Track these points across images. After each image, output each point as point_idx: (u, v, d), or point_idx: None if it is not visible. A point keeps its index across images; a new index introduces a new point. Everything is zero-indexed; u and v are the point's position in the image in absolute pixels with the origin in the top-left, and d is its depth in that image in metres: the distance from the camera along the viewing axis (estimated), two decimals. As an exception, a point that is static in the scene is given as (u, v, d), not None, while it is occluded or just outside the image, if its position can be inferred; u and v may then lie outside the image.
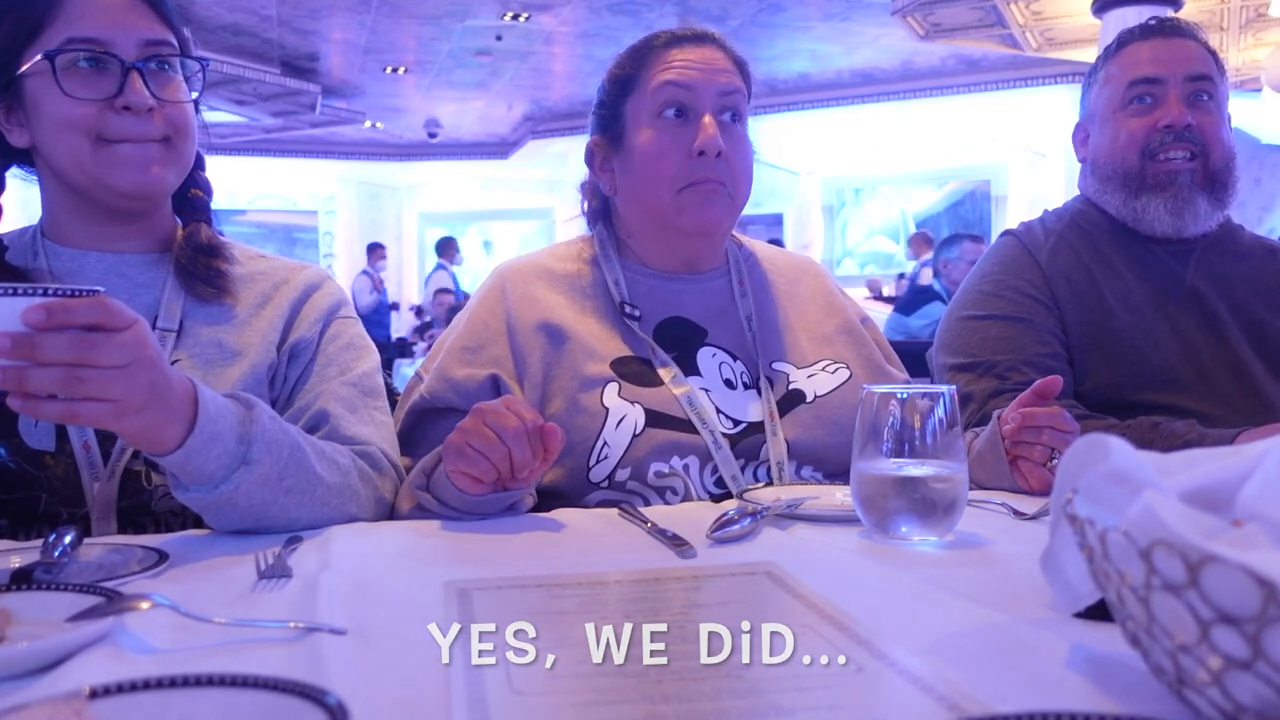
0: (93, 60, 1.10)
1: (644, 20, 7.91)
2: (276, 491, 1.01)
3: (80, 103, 1.09)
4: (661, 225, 1.35)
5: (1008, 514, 1.09)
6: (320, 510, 1.06)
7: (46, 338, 0.79)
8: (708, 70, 1.32)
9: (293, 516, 1.04)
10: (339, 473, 1.09)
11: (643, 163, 1.32)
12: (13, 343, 0.79)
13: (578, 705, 0.56)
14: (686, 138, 1.30)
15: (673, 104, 1.31)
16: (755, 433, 1.29)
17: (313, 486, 1.04)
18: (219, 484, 0.96)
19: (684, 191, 1.30)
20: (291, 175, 12.67)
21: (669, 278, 1.40)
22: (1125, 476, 0.56)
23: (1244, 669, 0.44)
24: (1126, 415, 1.48)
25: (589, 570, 0.86)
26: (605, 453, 1.24)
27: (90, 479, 1.09)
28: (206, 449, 0.94)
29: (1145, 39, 1.65)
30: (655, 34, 1.38)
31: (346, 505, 1.09)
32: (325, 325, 1.25)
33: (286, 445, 1.02)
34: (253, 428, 0.98)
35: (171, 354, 1.16)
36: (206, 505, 0.98)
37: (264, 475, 0.99)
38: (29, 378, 0.80)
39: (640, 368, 1.30)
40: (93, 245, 1.19)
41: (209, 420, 0.93)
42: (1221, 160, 1.61)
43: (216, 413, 0.95)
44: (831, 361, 1.38)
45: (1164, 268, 1.64)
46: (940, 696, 0.55)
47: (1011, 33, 7.61)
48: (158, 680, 0.52)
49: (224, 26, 8.04)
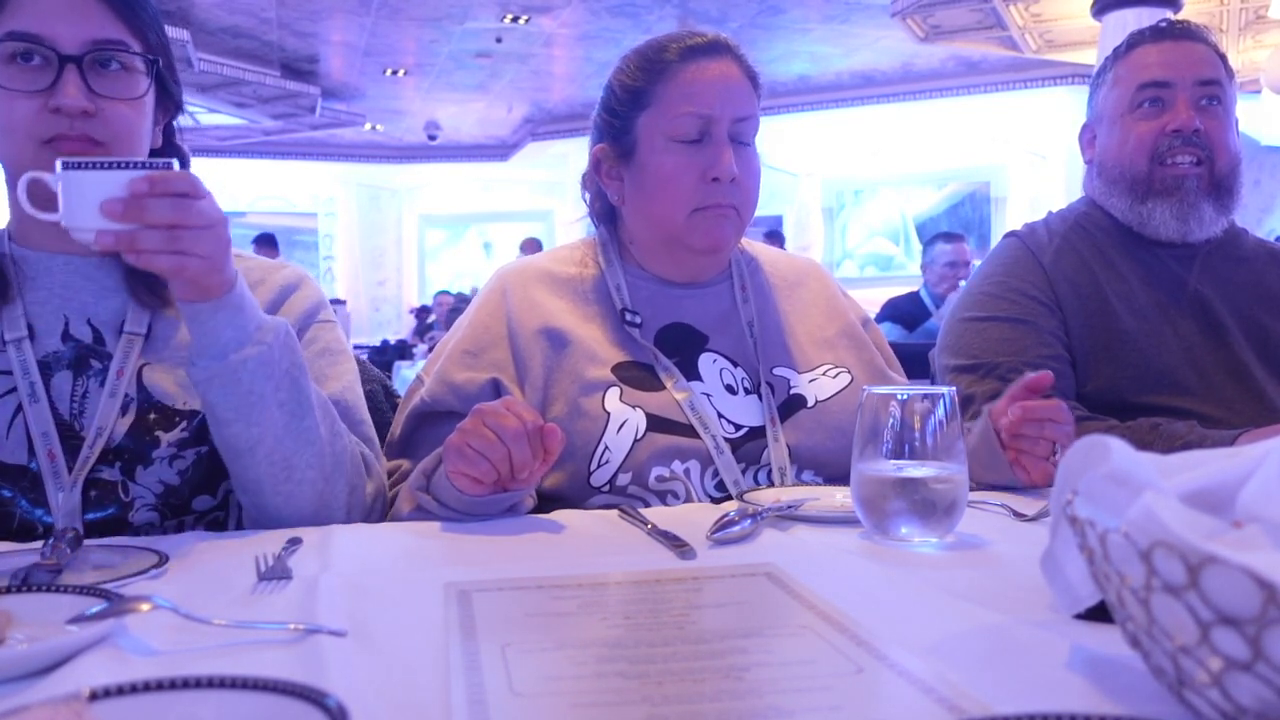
0: (28, 56, 1.06)
1: (644, 23, 7.91)
2: (271, 402, 1.04)
3: (16, 103, 1.06)
4: (669, 241, 1.35)
5: (1008, 515, 1.09)
6: (305, 453, 1.08)
7: (152, 202, 0.93)
8: (725, 92, 1.30)
9: (281, 443, 1.06)
10: (330, 419, 1.11)
11: (657, 183, 1.31)
12: (124, 207, 0.93)
13: (578, 706, 0.56)
14: (702, 161, 1.29)
15: (692, 129, 1.29)
16: (756, 437, 1.29)
17: (304, 412, 1.08)
18: (228, 354, 1.02)
19: (696, 214, 1.30)
20: (291, 177, 12.67)
21: (670, 284, 1.39)
22: (1125, 478, 0.56)
23: (1244, 670, 0.44)
24: (1128, 417, 1.48)
25: (589, 571, 0.86)
26: (606, 457, 1.24)
27: (55, 489, 1.09)
28: (236, 310, 1.03)
29: (1155, 41, 1.65)
30: (665, 42, 1.35)
31: (332, 470, 1.10)
32: (302, 329, 1.24)
33: (290, 358, 1.07)
34: (268, 323, 1.07)
35: (141, 357, 1.15)
36: (212, 380, 1.03)
37: (267, 361, 1.04)
38: (140, 239, 0.94)
39: (641, 372, 1.30)
40: (58, 248, 1.16)
41: (242, 290, 1.05)
42: (1227, 166, 1.61)
43: (245, 290, 1.06)
44: (833, 366, 1.38)
45: (1168, 271, 1.64)
46: (940, 697, 0.55)
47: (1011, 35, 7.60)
48: (158, 682, 0.52)
49: (224, 29, 8.03)
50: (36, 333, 1.14)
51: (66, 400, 1.12)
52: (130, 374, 1.13)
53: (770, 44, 8.56)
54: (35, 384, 1.10)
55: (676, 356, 1.33)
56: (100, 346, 1.15)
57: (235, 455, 1.08)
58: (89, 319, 1.16)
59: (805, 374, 1.36)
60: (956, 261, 4.85)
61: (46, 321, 1.15)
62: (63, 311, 1.16)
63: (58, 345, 1.14)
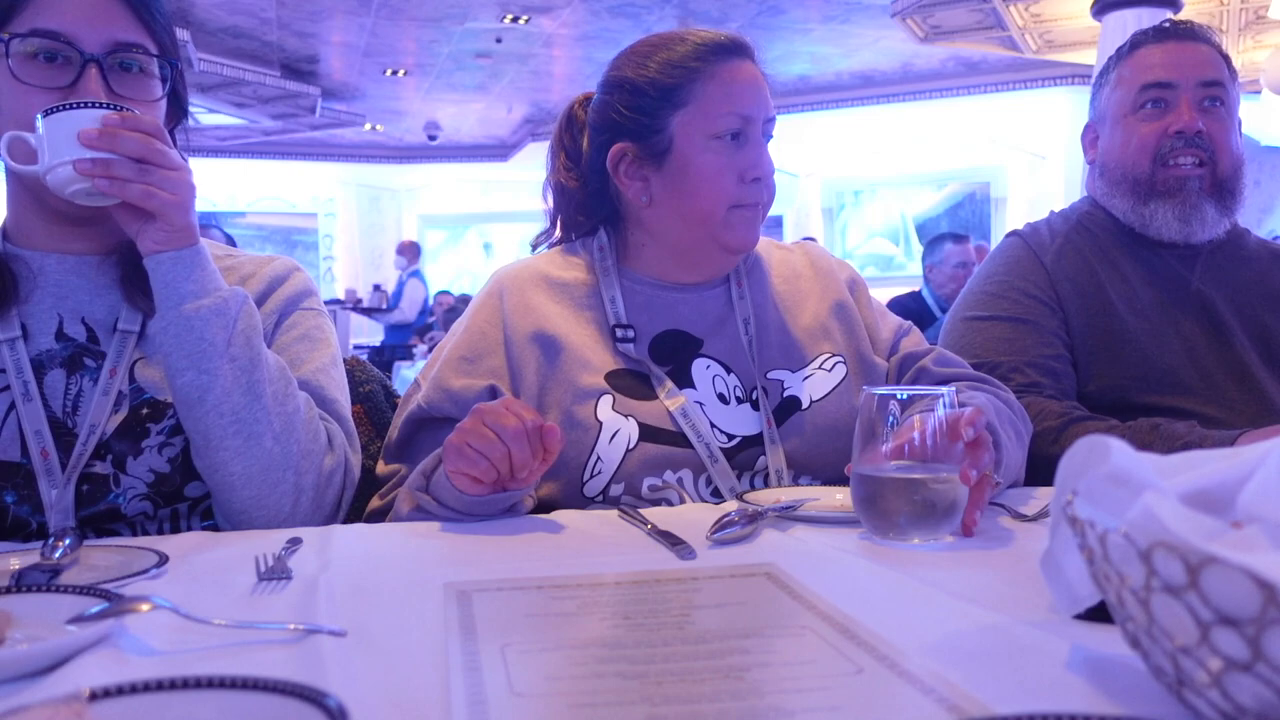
0: (51, 56, 1.09)
1: (644, 23, 7.91)
2: (223, 355, 1.09)
3: (34, 99, 1.07)
4: (702, 239, 1.34)
5: (1008, 514, 1.09)
6: (253, 408, 1.10)
7: (123, 134, 1.03)
8: (759, 93, 1.32)
9: (230, 394, 1.09)
10: (284, 382, 1.14)
11: (699, 182, 1.31)
12: (99, 135, 1.03)
13: (578, 706, 0.56)
14: (741, 161, 1.30)
15: (733, 129, 1.30)
16: (750, 446, 1.29)
17: (254, 368, 1.11)
18: (184, 303, 1.08)
19: (733, 210, 1.31)
20: (291, 178, 12.67)
21: (667, 288, 1.39)
22: (1125, 478, 0.56)
23: (1244, 671, 0.44)
24: (1130, 417, 1.48)
25: (589, 571, 0.86)
26: (599, 468, 1.24)
27: (48, 486, 1.09)
28: (197, 267, 1.10)
29: (1158, 42, 1.64)
30: (682, 36, 1.34)
31: (281, 431, 1.12)
32: (283, 315, 1.25)
33: (246, 321, 1.12)
34: (229, 287, 1.13)
35: (134, 354, 1.16)
36: (168, 328, 1.09)
37: (222, 313, 1.10)
38: (114, 165, 1.03)
39: (634, 380, 1.30)
40: (53, 247, 1.18)
41: (205, 252, 1.12)
42: (1230, 167, 1.61)
43: (209, 256, 1.14)
44: (829, 355, 1.37)
45: (1170, 271, 1.64)
46: (940, 698, 0.55)
47: (1011, 35, 7.61)
48: (158, 682, 0.52)
49: (224, 29, 8.04)
50: (30, 331, 1.15)
51: (60, 398, 1.13)
52: (124, 372, 1.14)
53: (770, 44, 8.56)
54: (29, 382, 1.11)
55: (670, 364, 1.32)
56: (94, 345, 1.16)
57: (187, 407, 1.10)
58: (83, 318, 1.17)
59: (800, 371, 1.35)
60: (966, 262, 4.82)
61: (40, 320, 1.15)
62: (56, 310, 1.16)
63: (51, 344, 1.15)
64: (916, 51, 8.75)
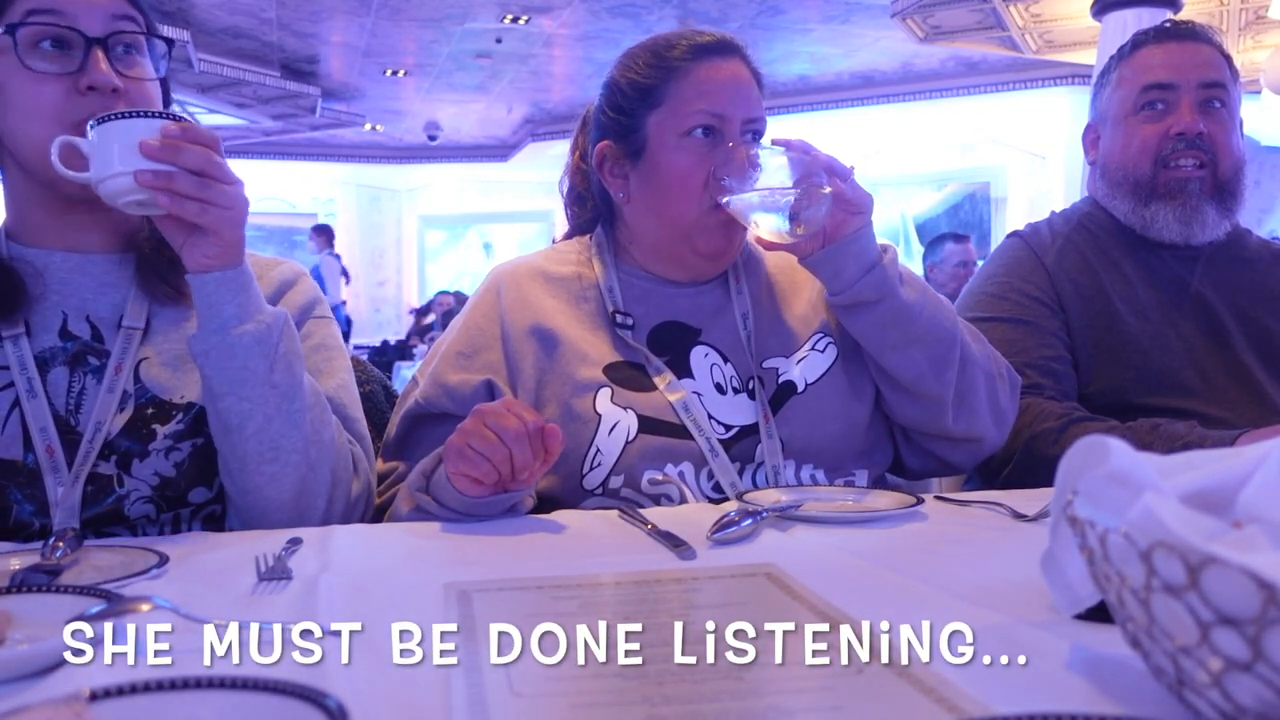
0: (57, 42, 1.09)
1: (644, 23, 7.90)
2: (264, 381, 1.07)
3: (45, 87, 1.08)
4: (675, 241, 1.34)
5: (1008, 514, 1.09)
6: (292, 436, 1.09)
7: (185, 145, 1.01)
8: (737, 92, 1.31)
9: (271, 422, 1.07)
10: (320, 409, 1.13)
11: (669, 181, 1.30)
12: (161, 146, 1.00)
13: (578, 706, 0.56)
14: (712, 161, 1.28)
15: (704, 127, 1.29)
16: (747, 435, 1.29)
17: (294, 396, 1.09)
18: (228, 329, 1.06)
19: (710, 213, 1.29)
20: (292, 178, 12.65)
21: (664, 282, 1.38)
22: (1125, 478, 0.56)
23: (1244, 671, 0.44)
24: (1130, 418, 1.47)
25: (589, 572, 0.86)
26: (598, 460, 1.24)
27: (54, 484, 1.09)
28: (242, 290, 1.08)
29: (1159, 42, 1.64)
30: (674, 39, 1.34)
31: (316, 458, 1.11)
32: (299, 323, 1.24)
33: (287, 345, 1.10)
34: (270, 308, 1.11)
35: (139, 352, 1.15)
36: (209, 352, 1.07)
37: (264, 340, 1.08)
38: (175, 178, 1.00)
39: (633, 372, 1.30)
40: (58, 245, 1.18)
41: (250, 273, 1.10)
42: (1231, 169, 1.61)
43: (253, 276, 1.11)
44: (822, 335, 1.37)
45: (1170, 272, 1.64)
46: (940, 698, 0.55)
47: (1011, 35, 7.60)
48: (158, 682, 0.52)
49: (224, 29, 8.03)
50: (33, 329, 1.14)
51: (63, 396, 1.12)
52: (129, 369, 1.14)
53: (770, 44, 8.55)
54: (33, 379, 1.11)
55: (669, 354, 1.33)
56: (98, 343, 1.15)
57: (225, 431, 1.09)
58: (87, 315, 1.17)
59: (795, 354, 1.35)
60: (967, 261, 4.85)
61: (44, 318, 1.15)
62: (61, 308, 1.16)
63: (55, 341, 1.15)
64: (916, 51, 8.75)
